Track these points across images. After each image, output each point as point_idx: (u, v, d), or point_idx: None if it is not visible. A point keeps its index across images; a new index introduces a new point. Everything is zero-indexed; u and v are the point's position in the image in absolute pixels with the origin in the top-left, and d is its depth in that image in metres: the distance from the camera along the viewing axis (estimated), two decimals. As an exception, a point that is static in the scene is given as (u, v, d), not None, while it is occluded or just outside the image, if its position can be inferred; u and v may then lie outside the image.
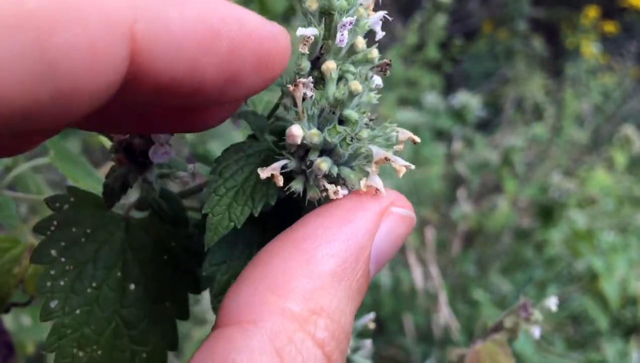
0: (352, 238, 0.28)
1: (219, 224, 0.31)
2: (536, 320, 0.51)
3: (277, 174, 0.31)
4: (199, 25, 0.24)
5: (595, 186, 1.85)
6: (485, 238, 2.01)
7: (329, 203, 0.30)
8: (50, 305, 0.34)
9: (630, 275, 1.66)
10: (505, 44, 3.18)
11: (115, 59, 0.22)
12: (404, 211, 0.31)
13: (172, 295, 0.37)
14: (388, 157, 0.31)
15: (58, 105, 0.21)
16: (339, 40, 0.32)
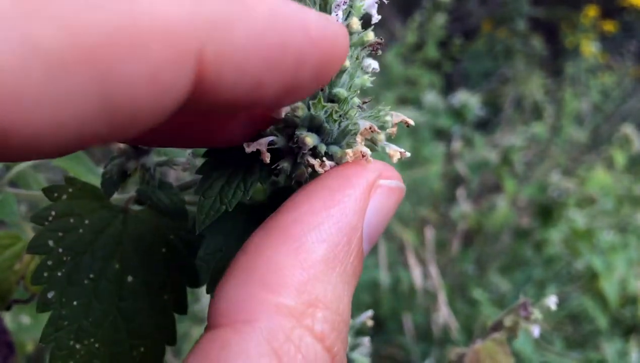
0: (342, 219, 0.27)
1: (210, 207, 0.31)
2: (536, 319, 0.51)
3: (263, 149, 0.30)
4: (265, 40, 0.22)
5: (595, 185, 1.85)
6: (484, 237, 2.02)
7: (315, 181, 0.29)
8: (48, 296, 0.33)
9: (630, 275, 1.66)
10: (505, 43, 3.18)
11: (179, 87, 0.20)
12: (392, 183, 0.30)
13: (171, 289, 0.36)
14: (373, 128, 0.30)
15: (114, 132, 0.20)
16: None
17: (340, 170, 0.29)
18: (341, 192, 0.28)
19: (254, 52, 0.22)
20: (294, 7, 0.24)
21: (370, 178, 0.29)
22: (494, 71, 3.06)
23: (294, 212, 0.27)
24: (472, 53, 3.25)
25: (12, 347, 0.50)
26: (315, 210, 0.27)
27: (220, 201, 0.31)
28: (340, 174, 0.29)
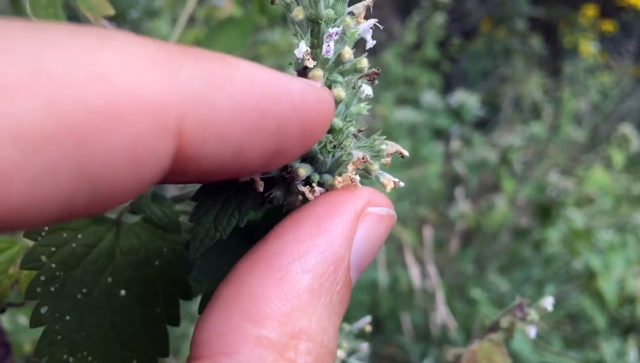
0: (327, 249, 0.26)
1: (205, 235, 0.31)
2: (532, 320, 0.51)
3: (257, 179, 0.30)
4: (246, 108, 0.22)
5: (593, 185, 1.85)
6: (483, 237, 2.02)
7: (302, 208, 0.28)
8: (41, 311, 0.33)
9: (628, 274, 1.66)
10: (504, 43, 3.18)
11: (159, 158, 0.20)
12: (382, 210, 0.29)
13: (163, 301, 0.36)
14: (366, 158, 0.30)
15: (96, 205, 0.20)
16: (325, 50, 0.32)
17: (327, 198, 0.29)
18: (327, 220, 0.27)
19: (234, 121, 0.22)
20: (274, 75, 0.24)
21: (358, 205, 0.28)
22: (492, 71, 3.06)
23: (279, 241, 0.26)
24: (471, 53, 3.25)
25: (9, 348, 0.49)
26: (301, 239, 0.26)
27: (214, 229, 0.31)
28: (328, 201, 0.28)
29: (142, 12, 1.42)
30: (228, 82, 0.22)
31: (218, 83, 0.21)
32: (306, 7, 0.32)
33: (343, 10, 0.33)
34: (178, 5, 1.61)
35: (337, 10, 0.32)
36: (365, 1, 0.34)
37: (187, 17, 1.16)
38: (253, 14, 1.01)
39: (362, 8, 0.34)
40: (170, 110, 0.20)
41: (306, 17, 0.32)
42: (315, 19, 0.32)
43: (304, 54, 0.31)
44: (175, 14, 1.60)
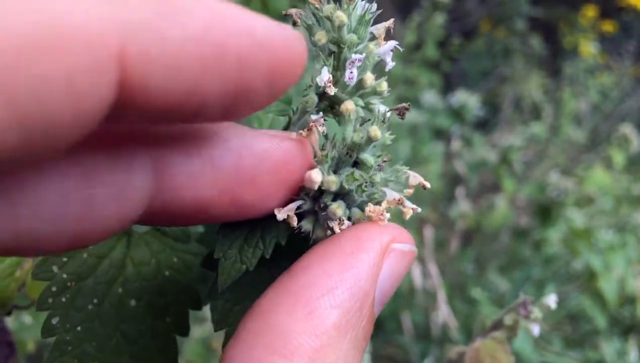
0: (355, 284, 0.26)
1: (231, 268, 0.31)
2: (535, 317, 0.51)
3: (291, 214, 0.30)
4: (201, 41, 0.21)
5: (593, 185, 1.85)
6: (483, 237, 2.02)
7: (329, 242, 0.28)
8: (52, 322, 0.34)
9: (628, 274, 1.66)
10: (504, 43, 3.18)
11: (100, 90, 0.19)
12: (405, 246, 0.29)
13: (173, 312, 0.37)
14: (402, 200, 0.31)
15: (34, 146, 0.18)
16: (348, 77, 0.32)
17: (354, 232, 0.29)
18: (355, 256, 0.27)
19: (185, 52, 0.20)
20: (239, 11, 0.23)
21: (384, 241, 0.28)
22: (492, 71, 3.07)
23: (307, 274, 0.26)
24: (471, 53, 3.25)
25: (13, 347, 0.50)
26: (328, 274, 0.26)
27: (240, 260, 0.31)
28: (355, 236, 0.28)
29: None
30: (180, 11, 0.20)
31: (169, 11, 0.20)
32: (329, 31, 0.32)
33: (365, 34, 0.33)
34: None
35: (359, 35, 0.33)
36: (385, 23, 0.34)
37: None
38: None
39: (382, 30, 0.34)
40: (109, 38, 0.18)
41: (329, 41, 0.32)
42: (338, 42, 0.32)
43: (325, 81, 0.31)
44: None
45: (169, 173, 0.24)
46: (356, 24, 0.33)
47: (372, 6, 0.33)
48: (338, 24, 0.32)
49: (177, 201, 0.25)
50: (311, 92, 0.33)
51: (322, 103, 0.34)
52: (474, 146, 2.10)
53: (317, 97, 0.33)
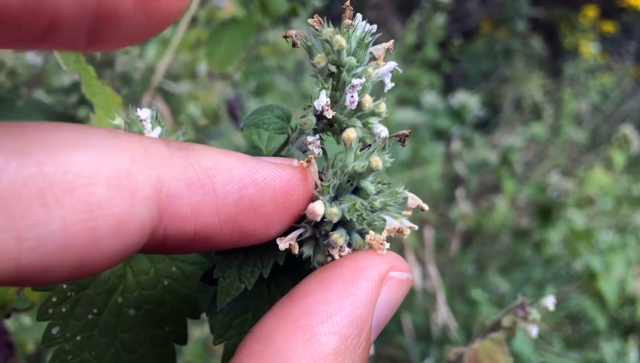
0: (354, 312, 0.27)
1: (230, 287, 0.32)
2: (534, 319, 0.52)
3: (294, 244, 0.31)
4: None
5: (594, 186, 1.85)
6: (483, 237, 2.02)
7: (329, 268, 0.29)
8: (52, 332, 0.34)
9: (628, 275, 1.66)
10: (504, 44, 3.18)
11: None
12: (402, 275, 0.30)
13: (172, 320, 0.37)
14: (401, 229, 0.31)
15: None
16: (349, 101, 0.32)
17: (354, 261, 0.30)
18: (354, 284, 0.28)
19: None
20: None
21: (383, 270, 0.29)
22: (493, 71, 3.07)
23: (307, 301, 0.27)
24: (472, 53, 3.25)
25: (13, 348, 0.50)
26: (328, 300, 0.27)
27: (239, 280, 0.32)
28: (354, 265, 0.29)
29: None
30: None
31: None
32: (328, 53, 0.33)
33: (365, 57, 0.33)
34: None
35: (359, 57, 0.33)
36: (385, 44, 0.34)
37: (190, 18, 1.16)
38: (255, 15, 1.01)
39: (382, 51, 0.34)
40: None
41: (328, 63, 0.33)
42: (337, 64, 0.33)
43: (323, 106, 0.32)
44: (176, 15, 1.60)
45: (173, 204, 0.25)
46: (356, 46, 0.33)
47: (372, 28, 0.33)
48: (337, 48, 0.32)
49: (180, 231, 0.26)
50: (309, 114, 0.33)
51: (320, 123, 0.34)
52: (474, 147, 2.10)
53: (315, 118, 0.34)
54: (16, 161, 0.20)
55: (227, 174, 0.27)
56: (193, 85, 1.38)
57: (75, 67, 0.48)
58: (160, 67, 1.12)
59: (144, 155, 0.24)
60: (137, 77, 0.94)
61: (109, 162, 0.22)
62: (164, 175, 0.24)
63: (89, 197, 0.21)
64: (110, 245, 0.23)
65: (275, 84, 1.65)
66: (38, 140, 0.21)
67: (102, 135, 0.23)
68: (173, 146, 0.26)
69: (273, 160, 0.30)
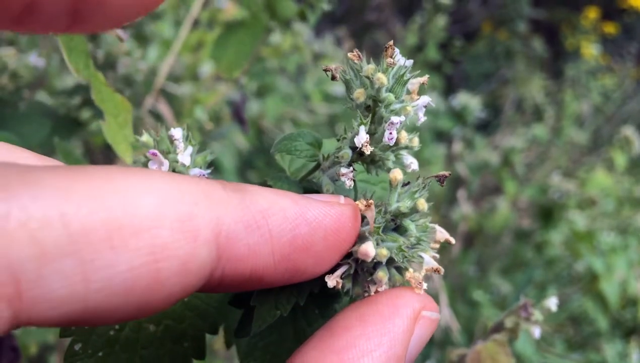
0: (391, 348, 0.28)
1: (267, 314, 0.32)
2: (536, 320, 0.52)
3: (339, 280, 0.32)
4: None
5: (595, 187, 1.85)
6: (485, 239, 2.02)
7: (367, 304, 0.31)
8: (75, 348, 0.35)
9: (630, 276, 1.66)
10: (505, 45, 3.18)
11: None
12: (433, 314, 0.31)
13: (191, 336, 0.38)
14: (439, 270, 0.32)
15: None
16: (387, 138, 0.33)
17: (391, 298, 0.31)
18: (391, 320, 0.30)
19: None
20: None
21: (417, 309, 0.31)
22: (494, 73, 3.07)
23: (347, 335, 0.29)
24: (473, 55, 3.25)
25: (18, 351, 0.50)
26: (368, 336, 0.28)
27: (275, 307, 0.33)
28: (391, 302, 0.31)
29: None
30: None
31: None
32: (367, 88, 0.33)
33: (402, 94, 0.34)
34: (181, 7, 1.62)
35: (396, 94, 0.34)
36: (420, 78, 0.35)
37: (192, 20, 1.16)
38: (263, 18, 1.00)
39: (417, 85, 0.35)
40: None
41: (366, 98, 0.33)
42: (375, 100, 0.33)
43: (363, 143, 0.33)
44: (178, 16, 1.61)
45: (231, 246, 0.26)
46: (394, 83, 0.34)
47: (409, 63, 0.34)
48: (378, 86, 0.33)
49: (237, 272, 0.27)
50: (345, 147, 0.35)
51: (354, 155, 0.35)
52: (476, 148, 2.10)
53: (351, 151, 0.35)
54: (87, 206, 0.21)
55: (282, 215, 0.28)
56: (195, 87, 1.38)
57: (85, 74, 0.48)
58: (163, 69, 1.12)
59: (204, 198, 0.25)
60: (139, 79, 0.94)
61: (172, 205, 0.24)
62: (222, 217, 0.25)
63: (154, 239, 0.23)
64: (172, 285, 0.24)
65: (277, 86, 1.65)
66: (106, 185, 0.22)
67: (164, 178, 0.25)
68: (229, 188, 0.27)
69: (321, 197, 0.31)
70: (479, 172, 2.02)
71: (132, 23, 1.06)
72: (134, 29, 1.31)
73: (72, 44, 0.47)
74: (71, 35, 0.47)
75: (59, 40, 0.46)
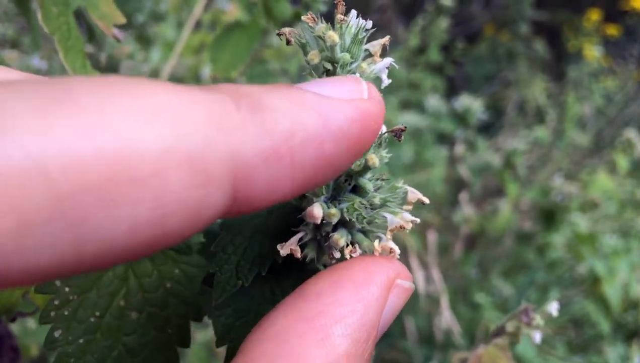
0: (365, 315, 0.27)
1: (226, 283, 0.31)
2: (537, 324, 0.52)
3: (295, 248, 0.31)
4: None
5: (597, 189, 1.85)
6: (487, 241, 2.02)
7: (338, 270, 0.29)
8: (55, 335, 0.34)
9: (632, 279, 1.66)
10: (507, 47, 3.18)
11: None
12: (407, 284, 0.30)
13: (175, 323, 0.37)
14: (404, 226, 0.31)
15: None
16: None
17: (365, 264, 0.30)
18: (365, 287, 0.28)
19: None
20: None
21: (391, 276, 0.29)
22: (496, 75, 3.07)
23: (319, 301, 0.27)
24: (475, 57, 3.25)
25: (18, 351, 0.50)
26: (340, 302, 0.27)
27: (236, 276, 0.32)
28: (364, 269, 0.29)
29: (148, 16, 1.42)
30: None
31: None
32: (322, 50, 0.32)
33: (359, 53, 0.33)
34: (183, 9, 1.62)
35: (352, 54, 0.32)
36: (381, 40, 0.34)
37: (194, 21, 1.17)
38: (259, 19, 1.01)
39: (378, 47, 0.33)
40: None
41: (322, 60, 0.32)
42: (331, 61, 0.32)
43: None
44: (180, 18, 1.61)
45: (248, 184, 0.23)
46: (350, 43, 0.32)
47: (366, 24, 0.33)
48: (330, 44, 0.31)
49: (252, 206, 0.24)
50: None
51: None
52: (478, 150, 2.10)
53: None
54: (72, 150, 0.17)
55: (304, 134, 0.24)
56: (197, 89, 1.38)
57: (82, 73, 0.49)
58: (165, 71, 1.12)
59: (217, 128, 0.21)
60: (141, 81, 0.94)
61: (181, 144, 0.19)
62: (239, 150, 0.21)
63: (158, 188, 0.19)
64: (179, 234, 0.21)
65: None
66: (97, 114, 0.18)
67: (167, 100, 0.20)
68: (244, 107, 0.22)
69: (343, 87, 0.26)
70: (481, 174, 2.02)
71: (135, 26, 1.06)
72: (137, 31, 1.31)
73: (69, 43, 0.47)
74: (68, 35, 0.47)
75: (55, 40, 0.46)
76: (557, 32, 3.50)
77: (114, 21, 0.51)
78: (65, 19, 0.47)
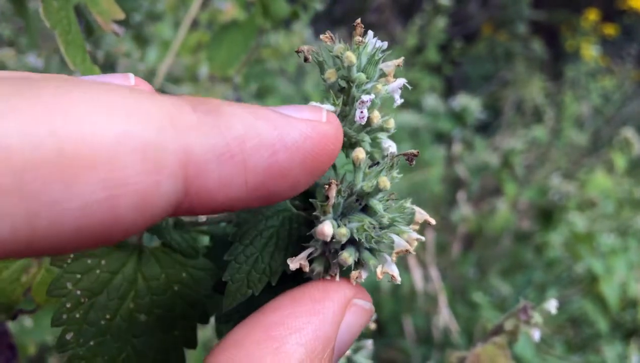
0: (320, 328, 0.29)
1: (237, 291, 0.33)
2: (536, 322, 0.51)
3: (305, 263, 0.32)
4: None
5: (595, 189, 1.85)
6: (485, 240, 2.02)
7: (299, 289, 0.31)
8: (66, 337, 0.35)
9: (630, 278, 1.66)
10: (505, 47, 3.18)
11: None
12: (365, 304, 0.32)
13: (182, 325, 0.38)
14: (409, 250, 0.32)
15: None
16: (359, 117, 0.33)
17: (322, 284, 0.31)
18: (321, 303, 0.30)
19: None
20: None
21: (348, 295, 0.31)
22: (494, 74, 3.07)
23: (277, 314, 0.29)
24: (473, 56, 3.26)
25: (15, 350, 0.50)
26: (297, 315, 0.28)
27: (247, 285, 0.33)
28: (322, 287, 0.31)
29: (145, 16, 1.42)
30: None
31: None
32: (339, 68, 0.33)
33: (375, 73, 0.34)
34: (180, 9, 1.62)
35: (368, 74, 0.33)
36: (395, 61, 0.34)
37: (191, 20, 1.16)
38: (256, 18, 1.01)
39: (392, 67, 0.34)
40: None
41: (338, 78, 0.33)
42: (347, 80, 0.33)
43: None
44: (177, 17, 1.61)
45: (200, 178, 0.24)
46: (366, 63, 0.33)
47: (382, 45, 0.34)
48: (347, 64, 0.32)
49: (205, 204, 0.25)
50: None
51: None
52: (476, 149, 2.10)
53: None
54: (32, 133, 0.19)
55: (258, 140, 0.25)
56: (194, 88, 1.38)
57: (82, 67, 0.48)
58: (162, 70, 1.12)
59: (171, 124, 0.22)
60: (139, 80, 0.94)
61: (134, 132, 0.21)
62: (191, 146, 0.23)
63: (111, 173, 0.20)
64: (131, 221, 0.22)
65: (277, 87, 1.65)
66: (57, 103, 0.20)
67: (126, 97, 0.22)
68: (200, 109, 0.24)
69: (302, 112, 0.28)
70: (479, 173, 2.02)
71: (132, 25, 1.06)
72: (134, 30, 1.31)
73: (69, 37, 0.47)
74: (68, 30, 0.47)
75: (56, 34, 0.46)
76: (555, 31, 3.50)
77: (112, 16, 0.51)
78: (65, 13, 0.47)
